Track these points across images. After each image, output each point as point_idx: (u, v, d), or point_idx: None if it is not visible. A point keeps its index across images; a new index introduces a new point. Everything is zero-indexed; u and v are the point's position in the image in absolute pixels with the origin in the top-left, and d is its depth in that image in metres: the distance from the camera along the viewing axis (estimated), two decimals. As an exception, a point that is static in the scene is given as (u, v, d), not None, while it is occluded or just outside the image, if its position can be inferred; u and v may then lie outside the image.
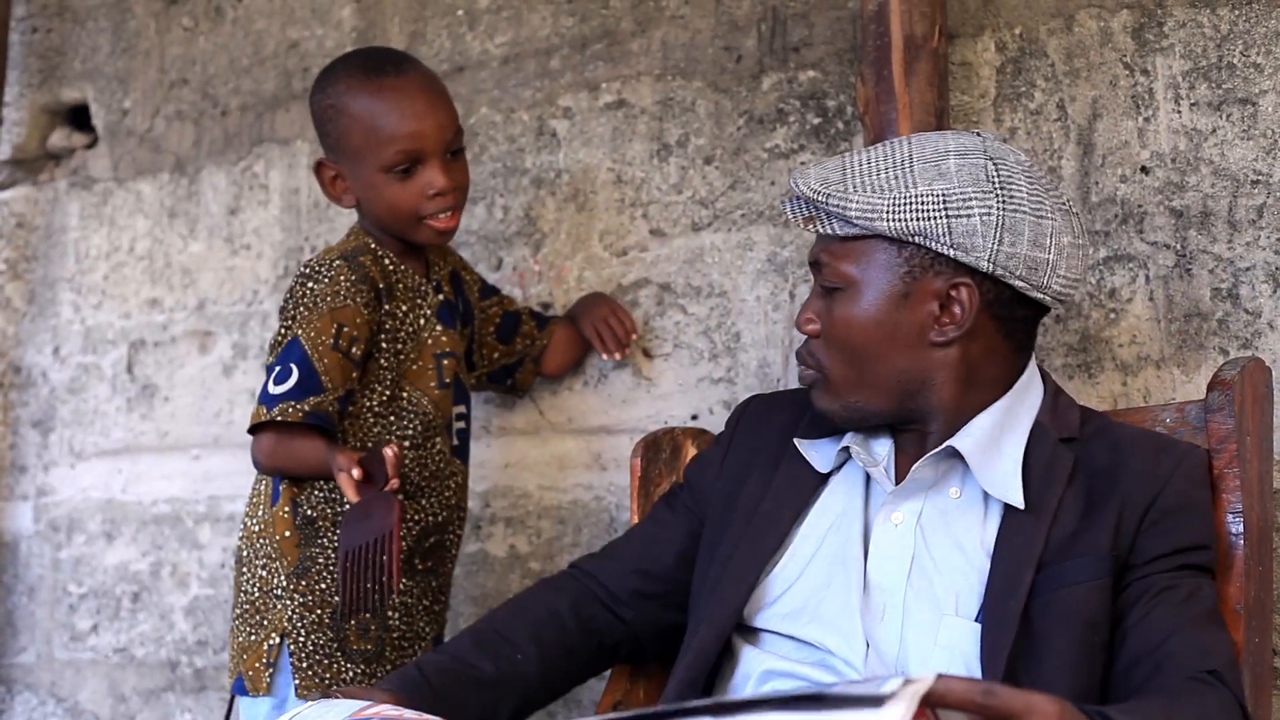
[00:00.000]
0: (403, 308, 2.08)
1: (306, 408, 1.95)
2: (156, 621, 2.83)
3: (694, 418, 2.29)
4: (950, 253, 1.54)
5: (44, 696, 2.98)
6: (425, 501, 2.10)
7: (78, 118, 3.11)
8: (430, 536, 2.11)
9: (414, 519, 2.08)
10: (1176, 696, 1.40)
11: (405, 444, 2.06)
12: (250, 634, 2.04)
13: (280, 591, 2.03)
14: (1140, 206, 2.00)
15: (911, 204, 1.54)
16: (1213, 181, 1.95)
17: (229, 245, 2.81)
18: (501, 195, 2.51)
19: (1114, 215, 2.02)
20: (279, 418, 1.95)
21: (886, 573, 1.56)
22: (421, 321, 2.10)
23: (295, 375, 1.96)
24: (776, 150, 2.27)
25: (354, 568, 1.81)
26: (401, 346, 2.08)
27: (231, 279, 2.81)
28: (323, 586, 2.02)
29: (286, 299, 2.05)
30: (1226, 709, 1.40)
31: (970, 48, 2.13)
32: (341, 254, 2.06)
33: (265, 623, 2.03)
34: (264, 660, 2.02)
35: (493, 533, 2.47)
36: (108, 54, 3.02)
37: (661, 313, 2.35)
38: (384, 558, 1.79)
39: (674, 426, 2.00)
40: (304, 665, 2.01)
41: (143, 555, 2.86)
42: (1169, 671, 1.43)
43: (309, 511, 2.04)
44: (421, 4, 2.64)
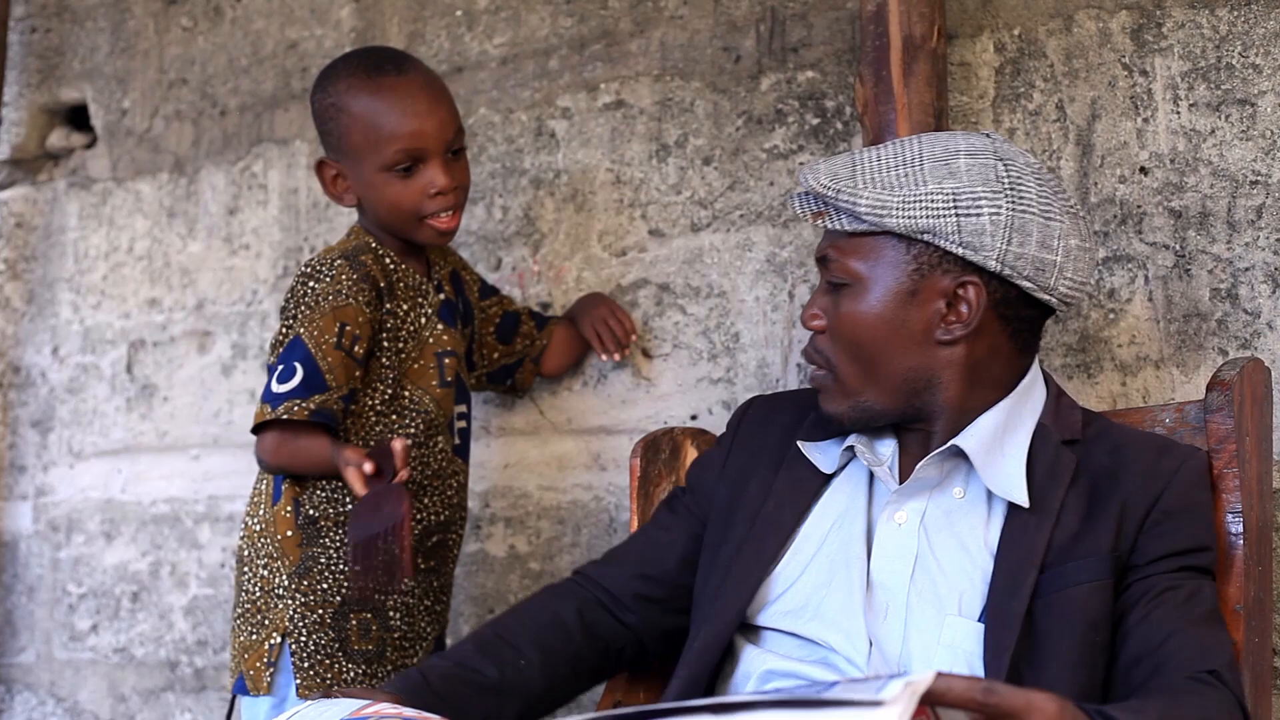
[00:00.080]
0: (404, 307, 2.08)
1: (312, 406, 1.95)
2: (156, 621, 2.83)
3: (693, 418, 2.30)
4: (959, 251, 1.55)
5: (43, 696, 2.98)
6: (428, 500, 2.10)
7: (77, 118, 3.10)
8: (433, 536, 2.11)
9: (417, 518, 2.08)
10: (1177, 696, 1.40)
11: (408, 442, 2.05)
12: (251, 633, 2.04)
13: (282, 591, 2.03)
14: (1139, 207, 2.00)
15: (921, 201, 1.55)
16: (1211, 182, 1.96)
17: (228, 245, 2.81)
18: (500, 195, 2.51)
19: (1113, 216, 2.02)
20: (284, 416, 1.95)
21: (890, 572, 1.57)
22: (423, 320, 2.10)
23: (300, 373, 1.96)
24: (775, 151, 2.27)
25: (365, 558, 1.81)
26: (403, 345, 2.08)
27: (230, 279, 2.80)
28: (324, 586, 2.02)
29: (288, 298, 2.05)
30: (1227, 709, 1.41)
31: (969, 48, 2.14)
32: (343, 253, 2.06)
33: (266, 622, 2.03)
34: (265, 660, 2.02)
35: (492, 533, 2.47)
36: (107, 54, 3.02)
37: (660, 313, 2.35)
38: (395, 548, 1.79)
39: (673, 427, 2.01)
40: (305, 665, 2.01)
41: (142, 555, 2.86)
42: (1169, 671, 1.43)
43: (311, 511, 2.04)
44: (420, 4, 2.63)
